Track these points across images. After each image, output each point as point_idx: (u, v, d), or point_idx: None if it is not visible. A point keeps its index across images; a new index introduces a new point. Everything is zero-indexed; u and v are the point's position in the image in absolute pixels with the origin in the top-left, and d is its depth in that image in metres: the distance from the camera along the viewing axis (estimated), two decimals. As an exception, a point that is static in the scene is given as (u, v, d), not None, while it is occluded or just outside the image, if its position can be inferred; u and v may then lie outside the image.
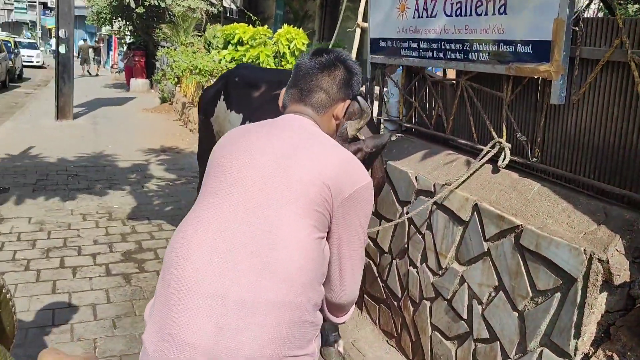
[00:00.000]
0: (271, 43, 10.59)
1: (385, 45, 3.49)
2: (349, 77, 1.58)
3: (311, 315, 1.31)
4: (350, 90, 1.60)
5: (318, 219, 1.34)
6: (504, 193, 2.49)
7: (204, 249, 1.29)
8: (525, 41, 2.42)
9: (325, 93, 1.55)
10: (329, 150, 1.45)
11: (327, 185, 1.34)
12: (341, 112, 1.58)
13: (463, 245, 2.65)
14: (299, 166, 1.36)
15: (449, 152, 3.03)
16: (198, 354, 1.20)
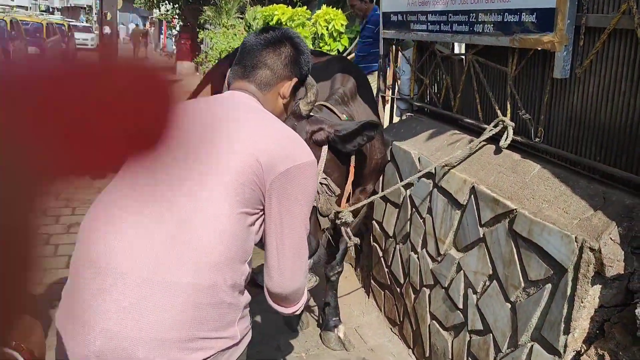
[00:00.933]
0: (310, 24, 10.47)
1: (396, 19, 3.31)
2: (296, 54, 1.51)
3: (229, 296, 1.21)
4: (298, 68, 1.52)
5: (245, 195, 1.24)
6: (502, 175, 2.31)
7: (116, 221, 1.21)
8: (529, 9, 2.21)
9: (270, 69, 1.48)
10: (265, 124, 1.37)
11: (257, 159, 1.25)
12: (287, 90, 1.50)
13: (460, 230, 2.49)
14: (228, 138, 1.28)
15: (454, 131, 2.85)
16: (101, 334, 1.13)
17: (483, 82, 2.64)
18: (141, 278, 1.14)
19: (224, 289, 1.20)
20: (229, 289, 1.21)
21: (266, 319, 3.36)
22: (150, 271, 1.14)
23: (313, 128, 2.28)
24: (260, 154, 1.26)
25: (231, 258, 1.21)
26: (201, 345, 1.17)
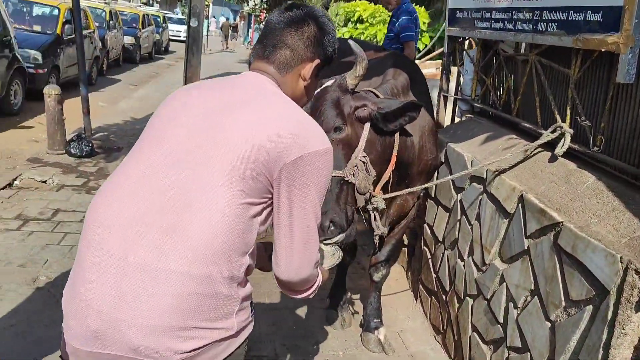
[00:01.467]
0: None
1: (461, 16, 3.18)
2: (320, 35, 1.41)
3: (226, 288, 1.19)
4: (321, 49, 1.42)
5: (248, 183, 1.20)
6: (554, 185, 2.15)
7: (116, 206, 1.21)
8: (595, 7, 2.04)
9: (290, 50, 1.39)
10: (277, 109, 1.29)
11: (263, 146, 1.20)
12: (308, 72, 1.42)
13: (506, 240, 2.35)
14: (232, 123, 1.23)
15: (512, 136, 2.69)
16: (97, 316, 1.15)
17: (544, 85, 2.47)
18: (138, 264, 1.14)
19: (220, 280, 1.17)
20: (225, 281, 1.18)
21: (309, 314, 3.36)
22: (148, 258, 1.14)
23: (357, 104, 2.26)
24: (268, 141, 1.20)
25: (228, 251, 1.18)
26: (194, 335, 1.15)
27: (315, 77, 1.46)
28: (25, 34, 9.02)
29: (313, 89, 1.51)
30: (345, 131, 2.22)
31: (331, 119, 2.18)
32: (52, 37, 9.31)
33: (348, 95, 2.23)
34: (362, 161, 2.24)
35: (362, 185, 2.24)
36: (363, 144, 2.24)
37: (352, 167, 2.21)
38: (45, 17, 9.88)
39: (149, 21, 18.64)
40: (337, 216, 2.13)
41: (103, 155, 6.27)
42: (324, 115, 2.18)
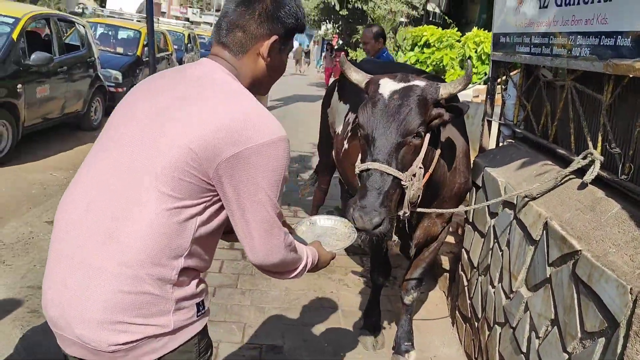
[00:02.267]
0: (459, 46, 10.26)
1: (504, 40, 3.16)
2: (274, 8, 1.36)
3: (156, 289, 1.23)
4: (279, 23, 1.37)
5: (178, 187, 1.22)
6: (579, 212, 2.09)
7: (71, 207, 1.31)
8: (624, 33, 1.99)
9: (242, 30, 1.36)
10: (213, 104, 1.27)
11: (191, 148, 1.21)
12: (266, 50, 1.37)
13: (532, 267, 2.30)
14: (170, 125, 1.25)
15: (546, 162, 2.63)
16: (52, 305, 1.28)
17: (579, 110, 2.42)
18: (81, 263, 1.24)
19: (149, 281, 1.22)
20: (154, 282, 1.23)
21: (342, 333, 3.38)
22: (89, 258, 1.24)
23: (435, 113, 2.24)
24: (196, 142, 1.21)
25: (155, 254, 1.22)
26: (126, 329, 1.22)
27: (278, 52, 1.42)
28: (110, 55, 9.73)
29: (279, 64, 1.46)
30: (420, 141, 2.20)
31: (415, 123, 2.16)
32: (133, 58, 9.98)
33: (432, 105, 2.24)
34: (420, 168, 2.22)
35: (414, 195, 2.24)
36: (423, 154, 2.24)
37: (411, 174, 2.19)
38: (128, 40, 10.62)
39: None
40: (381, 212, 2.09)
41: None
42: (409, 116, 2.16)
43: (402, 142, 2.16)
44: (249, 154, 1.23)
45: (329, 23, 18.15)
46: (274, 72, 1.46)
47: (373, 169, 2.14)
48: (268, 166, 1.25)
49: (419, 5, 16.55)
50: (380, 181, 2.13)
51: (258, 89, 1.47)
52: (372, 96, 2.26)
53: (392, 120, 2.16)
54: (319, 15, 17.02)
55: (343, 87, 3.77)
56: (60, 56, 7.22)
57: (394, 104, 2.18)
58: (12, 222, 4.49)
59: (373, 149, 2.17)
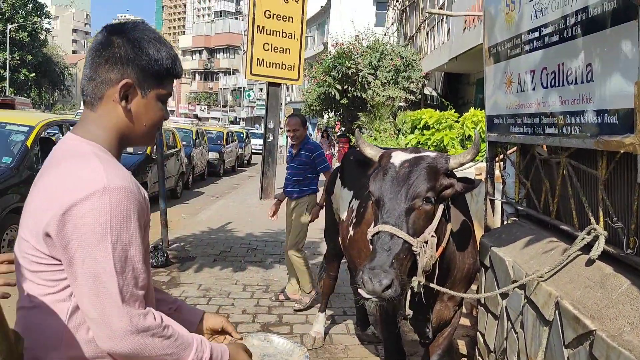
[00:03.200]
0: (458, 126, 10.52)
1: (498, 122, 3.26)
2: (129, 49, 1.27)
3: None
4: (131, 65, 1.27)
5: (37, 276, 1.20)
6: (589, 290, 2.06)
7: None
8: (610, 110, 2.06)
9: (91, 80, 1.28)
10: (45, 182, 1.22)
11: (28, 233, 1.21)
12: (116, 94, 1.26)
13: (549, 350, 2.23)
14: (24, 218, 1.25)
15: (551, 239, 2.62)
16: None
17: (577, 186, 2.44)
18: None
19: None
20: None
21: None
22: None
23: (447, 183, 2.28)
24: (29, 228, 1.20)
25: (36, 347, 1.19)
26: None
27: (141, 97, 1.30)
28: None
29: (147, 110, 1.32)
30: (430, 207, 2.22)
31: (424, 187, 2.19)
32: (143, 157, 10.27)
33: (443, 175, 2.28)
34: (433, 236, 2.21)
35: (428, 263, 2.20)
36: (436, 224, 2.24)
37: (423, 240, 2.18)
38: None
39: (233, 137, 20.09)
40: (390, 273, 2.05)
41: (177, 264, 6.60)
42: (419, 180, 2.20)
43: (412, 206, 2.19)
44: (64, 219, 1.13)
45: (330, 112, 18.75)
46: (143, 119, 1.32)
47: (383, 231, 2.15)
48: (92, 224, 1.13)
49: (416, 90, 17.16)
50: (390, 243, 2.12)
51: (133, 140, 1.35)
52: (384, 165, 2.34)
53: (402, 184, 2.21)
54: (321, 105, 17.63)
55: (345, 174, 3.85)
56: (71, 160, 7.44)
57: (404, 171, 2.25)
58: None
59: (383, 212, 2.20)
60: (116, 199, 1.15)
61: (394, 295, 2.05)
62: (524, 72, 2.84)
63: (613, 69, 2.04)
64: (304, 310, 5.16)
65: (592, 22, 2.16)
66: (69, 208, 1.13)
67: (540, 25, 2.61)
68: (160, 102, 1.34)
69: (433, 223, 2.23)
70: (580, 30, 2.25)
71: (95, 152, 1.23)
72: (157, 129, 1.38)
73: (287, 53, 8.47)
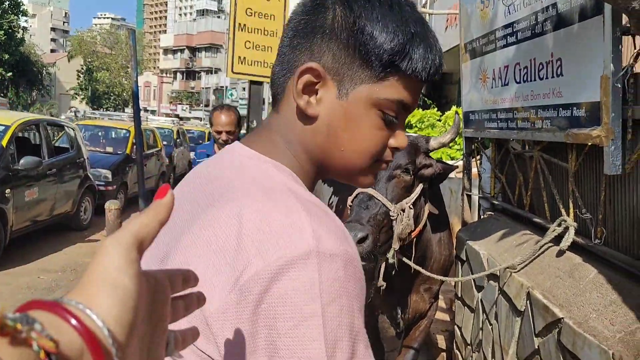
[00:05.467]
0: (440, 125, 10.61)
1: (474, 118, 3.30)
2: (346, 18, 0.73)
3: None
4: (329, 40, 0.73)
5: None
6: (559, 280, 2.10)
7: None
8: (578, 104, 2.11)
9: (280, 63, 0.79)
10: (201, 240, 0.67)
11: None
12: (297, 85, 0.73)
13: (520, 339, 2.27)
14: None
15: (525, 232, 2.67)
16: None
17: (548, 179, 2.49)
18: None
19: None
20: None
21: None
22: None
23: (426, 162, 2.39)
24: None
25: None
26: None
27: (337, 97, 0.74)
28: (100, 155, 9.94)
29: (345, 122, 0.75)
30: (409, 178, 2.32)
31: (404, 159, 2.29)
32: (122, 156, 10.18)
33: (423, 154, 2.40)
34: (410, 209, 2.29)
35: (403, 231, 2.27)
36: (414, 197, 2.33)
37: (400, 208, 2.25)
38: (117, 139, 10.90)
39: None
40: (366, 228, 2.11)
41: (157, 264, 6.56)
42: (400, 152, 2.23)
43: (392, 175, 2.28)
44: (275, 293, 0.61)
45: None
46: (341, 136, 0.75)
47: (362, 192, 2.22)
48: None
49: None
50: (368, 202, 2.21)
51: (328, 169, 0.80)
52: None
53: None
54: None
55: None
56: (49, 159, 7.37)
57: None
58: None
59: None
60: (328, 271, 0.62)
61: (368, 250, 2.11)
62: (498, 67, 2.88)
63: (581, 63, 2.09)
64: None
65: (560, 17, 2.21)
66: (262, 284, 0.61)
67: (513, 21, 2.66)
68: (382, 113, 0.75)
69: (412, 195, 2.33)
70: (550, 26, 2.30)
71: (290, 185, 0.71)
72: (373, 159, 0.78)
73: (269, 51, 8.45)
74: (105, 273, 0.42)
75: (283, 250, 0.62)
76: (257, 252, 0.63)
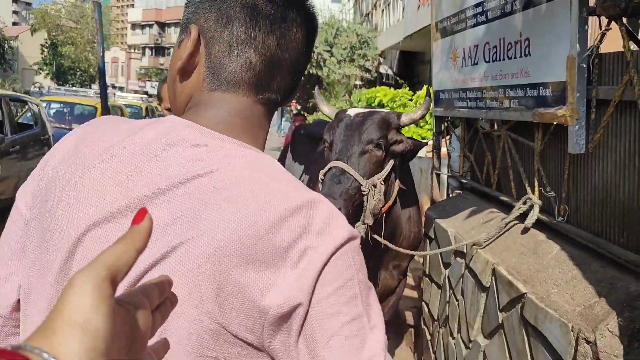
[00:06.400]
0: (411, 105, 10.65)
1: (444, 97, 3.32)
2: None
3: None
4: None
5: None
6: (523, 256, 2.15)
7: None
8: (545, 83, 2.14)
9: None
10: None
11: None
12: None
13: (485, 315, 2.32)
14: None
15: (492, 209, 2.72)
16: None
17: (515, 158, 2.53)
18: None
19: None
20: None
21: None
22: None
23: (397, 138, 2.41)
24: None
25: None
26: None
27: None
28: (65, 131, 9.66)
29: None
30: (381, 153, 2.33)
31: (375, 133, 2.32)
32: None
33: (395, 129, 2.42)
34: (381, 184, 2.31)
35: (375, 206, 2.28)
36: (385, 173, 2.35)
37: (372, 184, 2.26)
38: (84, 115, 10.62)
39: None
40: (338, 201, 2.13)
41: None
42: (371, 127, 2.32)
43: (364, 150, 2.30)
44: None
45: (286, 89, 18.56)
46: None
47: (335, 166, 2.23)
48: None
49: (371, 68, 17.20)
50: (341, 177, 2.21)
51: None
52: (339, 117, 2.45)
53: (355, 130, 2.34)
54: (275, 82, 17.41)
55: (296, 149, 3.85)
56: (12, 136, 7.14)
57: (358, 120, 2.38)
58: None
59: (336, 151, 2.31)
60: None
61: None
62: (468, 47, 2.90)
63: (548, 43, 2.11)
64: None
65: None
66: None
67: (483, 0, 2.66)
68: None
69: (383, 171, 2.35)
70: (519, 5, 2.31)
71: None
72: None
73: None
74: (74, 314, 0.39)
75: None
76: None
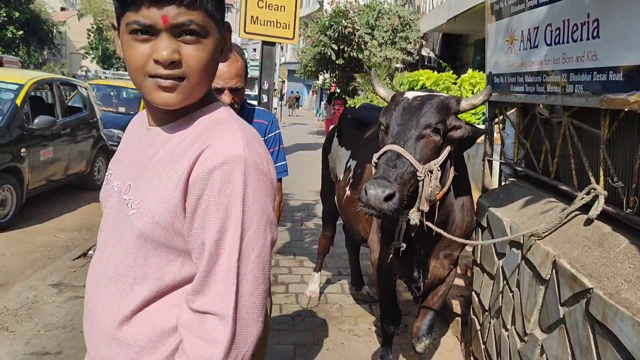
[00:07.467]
0: (455, 88, 10.41)
1: (499, 81, 3.20)
2: None
3: None
4: None
5: None
6: (587, 249, 2.05)
7: None
8: (615, 68, 2.01)
9: None
10: None
11: None
12: None
13: (544, 308, 2.24)
14: None
15: (550, 199, 2.61)
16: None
17: (578, 146, 2.41)
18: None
19: None
20: None
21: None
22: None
23: (456, 123, 2.33)
24: None
25: None
26: None
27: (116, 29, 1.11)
28: (112, 115, 9.89)
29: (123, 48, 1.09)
30: (439, 138, 2.26)
31: (434, 118, 2.24)
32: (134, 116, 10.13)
33: (453, 115, 2.34)
34: (438, 171, 2.24)
35: (431, 192, 2.21)
36: (442, 159, 2.28)
37: (428, 169, 2.20)
38: (129, 99, 10.83)
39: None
40: (394, 186, 2.05)
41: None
42: (430, 111, 2.25)
43: (421, 134, 2.23)
44: None
45: (326, 73, 18.49)
46: (127, 63, 1.08)
47: (390, 150, 2.17)
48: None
49: (413, 51, 16.87)
50: (397, 161, 2.15)
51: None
52: (397, 100, 2.37)
53: (413, 113, 2.26)
54: (316, 66, 17.36)
55: (343, 133, 3.80)
56: (63, 119, 7.35)
57: (416, 103, 2.30)
58: (16, 287, 4.44)
59: (393, 135, 2.24)
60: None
61: (393, 209, 2.06)
62: (527, 29, 2.77)
63: (621, 25, 1.98)
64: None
65: (601, -25, 2.09)
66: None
67: (546, -21, 2.53)
68: (133, 34, 1.02)
69: (440, 157, 2.27)
70: (588, -16, 2.18)
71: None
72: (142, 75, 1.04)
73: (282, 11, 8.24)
74: None
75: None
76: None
